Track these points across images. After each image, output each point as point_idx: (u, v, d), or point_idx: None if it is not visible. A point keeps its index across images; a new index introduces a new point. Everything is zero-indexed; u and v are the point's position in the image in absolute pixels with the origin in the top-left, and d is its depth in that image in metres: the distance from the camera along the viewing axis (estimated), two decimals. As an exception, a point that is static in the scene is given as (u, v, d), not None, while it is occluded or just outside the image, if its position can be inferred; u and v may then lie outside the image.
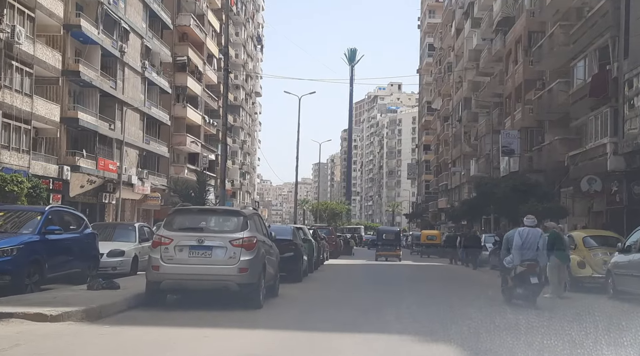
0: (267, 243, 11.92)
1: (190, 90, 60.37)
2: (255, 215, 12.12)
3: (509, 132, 39.59)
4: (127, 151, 45.67)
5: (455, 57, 68.72)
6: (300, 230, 20.48)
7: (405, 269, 27.36)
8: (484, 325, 9.33)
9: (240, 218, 10.95)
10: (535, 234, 13.37)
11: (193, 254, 10.53)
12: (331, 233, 35.94)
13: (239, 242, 10.49)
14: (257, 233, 11.22)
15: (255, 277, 10.68)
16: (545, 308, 12.39)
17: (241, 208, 11.60)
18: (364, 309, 11.66)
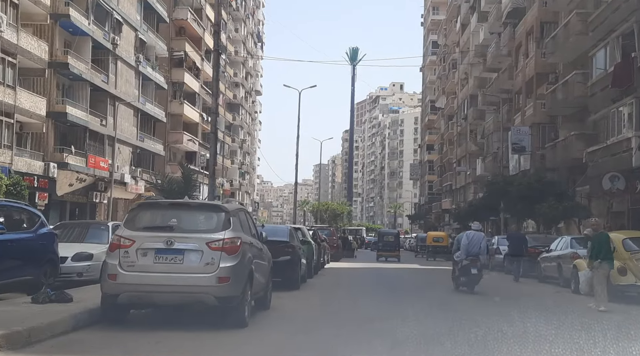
0: (255, 246, 9.95)
1: (188, 87, 58.46)
2: (241, 212, 10.01)
3: (519, 128, 37.64)
4: (120, 148, 43.76)
5: (461, 53, 66.74)
6: (298, 230, 18.54)
7: (412, 274, 25.40)
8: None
9: (221, 215, 8.88)
10: (479, 236, 17.10)
11: (160, 259, 8.44)
12: (332, 235, 33.99)
13: (219, 244, 8.47)
14: (243, 233, 9.21)
15: (239, 288, 8.65)
16: (591, 319, 11.31)
17: (223, 202, 9.35)
18: (371, 325, 9.72)
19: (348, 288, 16.66)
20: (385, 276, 22.65)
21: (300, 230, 19.18)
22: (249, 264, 9.06)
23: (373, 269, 27.21)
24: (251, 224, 10.41)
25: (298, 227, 19.98)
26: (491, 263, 26.72)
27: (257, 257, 9.86)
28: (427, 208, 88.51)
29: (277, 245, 13.85)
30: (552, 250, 19.03)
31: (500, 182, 30.14)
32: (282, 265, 13.61)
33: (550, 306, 13.21)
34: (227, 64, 74.44)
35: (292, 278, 14.28)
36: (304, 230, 19.73)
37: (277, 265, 13.51)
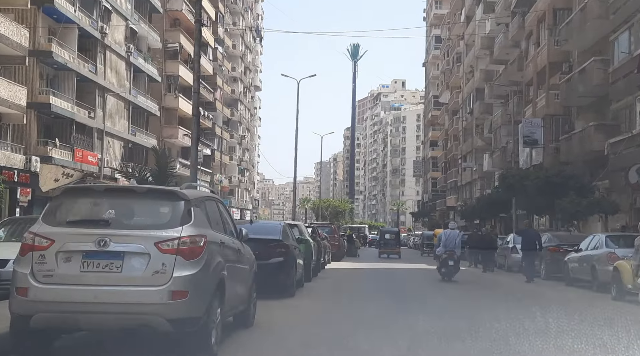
0: (230, 246, 7.56)
1: (183, 80, 56.27)
2: (209, 201, 7.50)
3: (531, 120, 35.52)
4: (110, 142, 41.68)
5: (466, 46, 64.63)
6: (294, 228, 16.46)
7: (420, 274, 23.27)
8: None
9: (178, 205, 6.48)
10: (454, 234, 20.89)
11: (89, 267, 6.06)
12: (334, 232, 31.77)
13: (172, 244, 6.16)
14: (210, 229, 6.83)
15: (201, 306, 6.31)
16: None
17: (182, 187, 7.41)
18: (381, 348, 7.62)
19: (351, 295, 14.46)
20: (393, 278, 20.47)
21: (297, 227, 17.15)
22: (217, 271, 6.72)
23: (378, 270, 24.97)
24: (225, 217, 8.02)
25: (294, 224, 17.87)
26: (507, 263, 24.62)
27: (233, 261, 7.55)
28: (431, 206, 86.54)
29: (268, 244, 11.79)
30: (581, 250, 16.87)
31: (515, 176, 27.97)
32: (273, 269, 11.53)
33: (599, 318, 10.81)
34: (224, 58, 72.32)
35: (285, 284, 12.14)
36: (302, 227, 17.62)
37: (267, 269, 11.45)
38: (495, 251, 26.64)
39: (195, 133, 16.70)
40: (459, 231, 21.77)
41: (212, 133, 67.89)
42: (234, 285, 7.38)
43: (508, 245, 24.79)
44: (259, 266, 11.14)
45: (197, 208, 6.72)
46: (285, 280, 12.09)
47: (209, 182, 65.76)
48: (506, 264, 24.74)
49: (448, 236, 20.56)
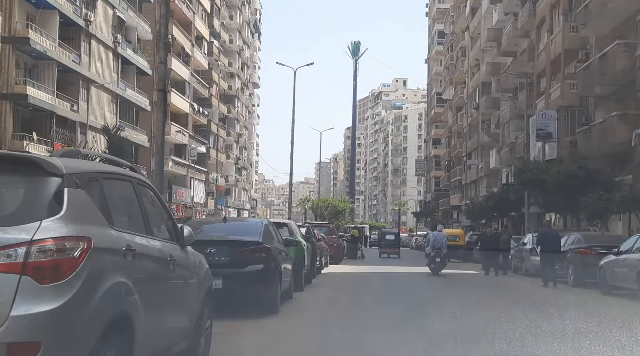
0: (150, 256, 4.77)
1: (176, 74, 53.84)
2: (113, 181, 4.71)
3: (545, 112, 33.07)
4: (95, 137, 39.18)
5: (471, 39, 62.20)
6: (284, 227, 14.10)
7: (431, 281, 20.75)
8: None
9: (39, 184, 3.85)
10: (441, 235, 23.48)
11: None
12: (332, 233, 29.22)
13: (15, 255, 3.49)
14: (102, 227, 4.08)
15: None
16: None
17: (55, 155, 4.42)
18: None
19: (350, 309, 11.77)
20: (400, 285, 17.87)
21: (287, 226, 14.63)
22: (113, 300, 4.01)
23: (381, 275, 22.36)
24: (151, 210, 5.21)
25: (282, 223, 15.29)
26: (524, 266, 22.15)
27: (156, 278, 4.87)
28: (434, 205, 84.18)
29: (243, 248, 9.37)
30: (622, 252, 14.38)
31: (533, 170, 25.50)
32: (250, 279, 9.07)
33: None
34: (220, 53, 69.90)
35: (266, 298, 9.62)
36: (292, 227, 15.07)
37: (242, 279, 9.06)
38: (509, 252, 24.25)
39: (162, 110, 14.04)
40: (444, 233, 24.24)
41: (208, 130, 65.51)
42: (157, 316, 4.74)
43: (525, 247, 22.32)
44: (231, 276, 8.77)
45: (79, 191, 3.96)
46: (266, 293, 9.52)
47: (204, 181, 63.47)
48: (524, 267, 22.23)
49: (435, 237, 23.62)
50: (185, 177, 57.05)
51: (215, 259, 9.07)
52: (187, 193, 56.98)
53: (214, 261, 8.98)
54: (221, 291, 8.86)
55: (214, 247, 9.14)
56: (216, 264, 9.06)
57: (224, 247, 9.24)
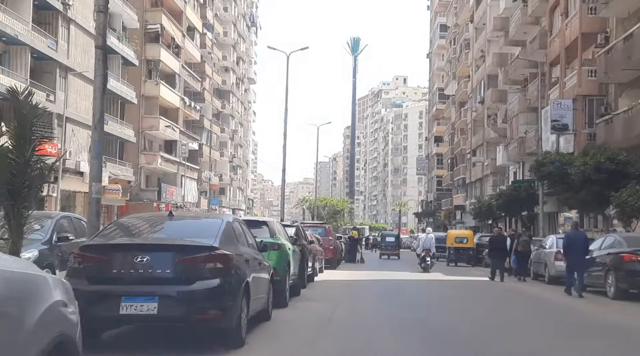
0: None
1: (166, 66, 51.20)
2: None
3: (560, 101, 30.31)
4: (74, 131, 36.59)
5: (475, 30, 59.43)
6: (262, 227, 11.28)
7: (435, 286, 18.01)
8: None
9: None
10: (430, 237, 27.02)
11: None
12: (328, 234, 26.27)
13: None
14: None
15: None
16: None
17: None
18: None
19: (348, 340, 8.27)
20: (405, 296, 15.11)
21: (267, 225, 11.63)
22: None
23: (383, 283, 19.27)
24: None
25: (261, 221, 12.11)
26: (548, 272, 19.38)
27: None
28: (436, 205, 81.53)
29: (190, 255, 6.62)
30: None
31: (555, 162, 22.69)
32: (198, 301, 6.43)
33: None
34: (214, 45, 67.14)
35: (225, 327, 6.83)
36: (274, 226, 11.95)
37: (187, 301, 6.31)
38: (529, 256, 21.54)
39: (100, 71, 11.13)
40: (433, 235, 27.25)
41: (200, 125, 62.80)
42: None
43: (549, 250, 19.53)
44: (171, 297, 6.10)
45: None
46: (224, 319, 6.69)
47: (197, 179, 60.75)
48: (546, 274, 19.43)
49: (425, 239, 26.70)
50: (175, 174, 54.32)
51: (149, 272, 6.41)
52: (178, 192, 54.23)
53: (145, 274, 6.28)
54: (154, 318, 6.17)
55: (147, 255, 6.48)
56: (149, 279, 6.35)
57: (163, 255, 6.51)
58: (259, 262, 8.42)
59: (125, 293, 6.31)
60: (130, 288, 6.37)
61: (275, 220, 12.44)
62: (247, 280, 7.19)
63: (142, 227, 7.84)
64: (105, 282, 6.46)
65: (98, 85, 11.11)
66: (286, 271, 11.14)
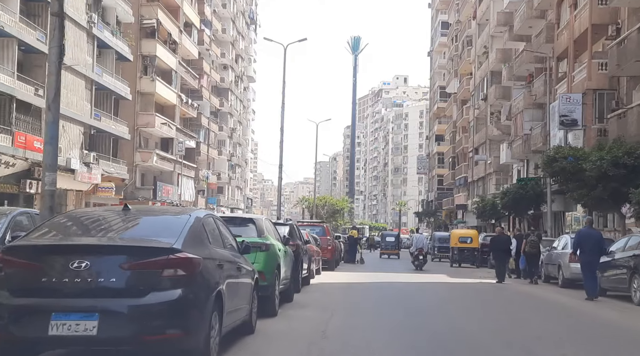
0: None
1: (162, 62, 49.98)
2: None
3: (569, 96, 29.10)
4: (65, 126, 35.29)
5: (478, 26, 58.28)
6: (248, 225, 9.97)
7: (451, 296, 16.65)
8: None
9: None
10: (422, 237, 30.78)
11: None
12: (326, 234, 24.92)
13: None
14: None
15: None
16: None
17: None
18: None
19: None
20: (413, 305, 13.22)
21: (254, 223, 10.11)
22: None
23: (385, 286, 17.92)
24: None
25: (247, 218, 10.49)
26: (562, 275, 18.13)
27: None
28: (437, 205, 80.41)
29: (142, 260, 5.30)
30: None
31: (567, 158, 21.40)
32: (152, 318, 5.15)
33: None
34: (212, 42, 65.94)
35: (188, 350, 5.46)
36: (262, 224, 10.33)
37: (138, 318, 5.04)
38: (539, 257, 20.33)
39: (57, 38, 9.85)
40: (425, 235, 29.93)
41: (198, 123, 61.60)
42: None
43: (562, 251, 18.28)
44: (117, 313, 4.84)
45: None
46: (186, 341, 5.35)
47: (194, 178, 59.55)
48: (560, 276, 18.19)
49: (418, 238, 29.57)
50: (172, 173, 53.13)
51: (89, 281, 5.13)
52: (174, 191, 53.04)
53: (84, 284, 4.97)
54: (93, 340, 4.87)
55: (87, 259, 5.20)
56: (88, 290, 5.03)
57: (107, 259, 5.27)
58: (238, 267, 7.13)
59: (56, 308, 4.98)
60: (62, 301, 5.03)
61: (264, 218, 11.07)
62: (219, 289, 5.90)
63: (87, 223, 6.32)
64: (32, 294, 5.11)
65: (53, 58, 9.95)
66: (275, 275, 9.91)
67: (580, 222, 32.92)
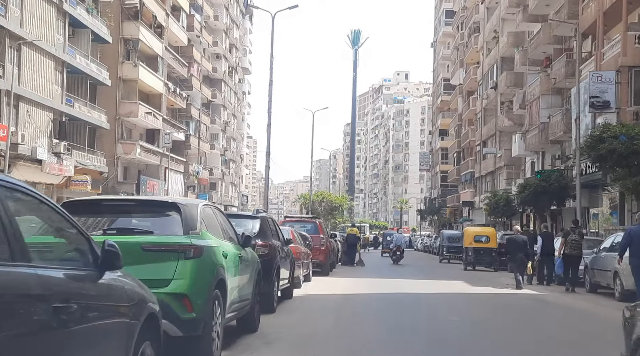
0: None
1: (146, 47, 46.15)
2: None
3: (601, 74, 25.30)
4: (30, 111, 31.61)
5: (487, 10, 54.56)
6: (169, 213, 6.02)
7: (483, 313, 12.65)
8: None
9: None
10: (401, 236, 35.03)
11: None
12: (319, 231, 20.68)
13: None
14: None
15: None
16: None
17: None
18: None
19: None
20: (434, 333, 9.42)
21: (179, 211, 6.06)
22: None
23: (391, 300, 14.00)
24: None
25: (168, 204, 6.36)
26: (621, 286, 14.20)
27: None
28: (441, 202, 76.81)
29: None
30: None
31: (612, 138, 17.49)
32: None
33: None
34: (203, 28, 62.15)
35: None
36: (194, 213, 6.24)
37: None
38: (580, 261, 16.63)
39: None
40: (403, 234, 36.01)
41: (188, 114, 57.83)
42: None
43: (604, 254, 14.44)
44: None
45: None
46: None
47: (183, 173, 55.81)
48: (619, 287, 14.15)
49: (397, 238, 33.73)
50: (158, 167, 49.37)
51: None
52: (161, 186, 49.26)
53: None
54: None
55: None
56: None
57: None
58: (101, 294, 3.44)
59: None
60: None
61: (204, 204, 6.92)
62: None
63: None
64: None
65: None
66: (214, 299, 6.12)
67: (599, 219, 29.33)
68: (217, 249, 6.27)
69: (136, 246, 5.37)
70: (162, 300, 4.65)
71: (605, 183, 25.35)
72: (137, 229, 5.69)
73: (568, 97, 32.22)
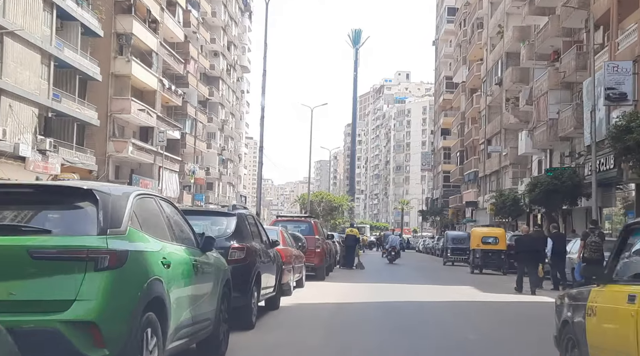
0: None
1: (141, 42, 44.70)
2: None
3: (617, 64, 23.74)
4: (13, 106, 30.09)
5: (491, 5, 53.12)
6: (79, 205, 4.27)
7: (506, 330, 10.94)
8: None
9: None
10: (395, 237, 40.48)
11: None
12: (314, 232, 18.92)
13: None
14: None
15: None
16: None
17: None
18: None
19: None
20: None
21: (94, 201, 4.34)
22: None
23: (394, 310, 12.26)
24: None
25: (78, 191, 4.43)
26: None
27: None
28: (443, 203, 75.26)
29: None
30: None
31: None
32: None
33: None
34: (200, 25, 60.66)
35: None
36: (121, 205, 4.56)
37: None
38: (602, 265, 15.17)
39: None
40: (397, 235, 41.51)
41: (183, 112, 56.34)
42: None
43: None
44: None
45: None
46: None
47: (179, 172, 54.28)
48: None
49: (392, 239, 37.91)
50: (152, 165, 47.86)
51: None
52: (155, 185, 47.70)
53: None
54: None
55: None
56: None
57: None
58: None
59: None
60: None
61: (137, 192, 5.22)
62: None
63: None
64: None
65: None
66: (145, 327, 4.47)
67: (612, 220, 27.80)
68: (150, 255, 4.65)
69: (21, 251, 3.80)
70: (57, 330, 3.12)
71: (620, 180, 23.83)
72: (26, 227, 4.08)
73: (579, 91, 30.69)
